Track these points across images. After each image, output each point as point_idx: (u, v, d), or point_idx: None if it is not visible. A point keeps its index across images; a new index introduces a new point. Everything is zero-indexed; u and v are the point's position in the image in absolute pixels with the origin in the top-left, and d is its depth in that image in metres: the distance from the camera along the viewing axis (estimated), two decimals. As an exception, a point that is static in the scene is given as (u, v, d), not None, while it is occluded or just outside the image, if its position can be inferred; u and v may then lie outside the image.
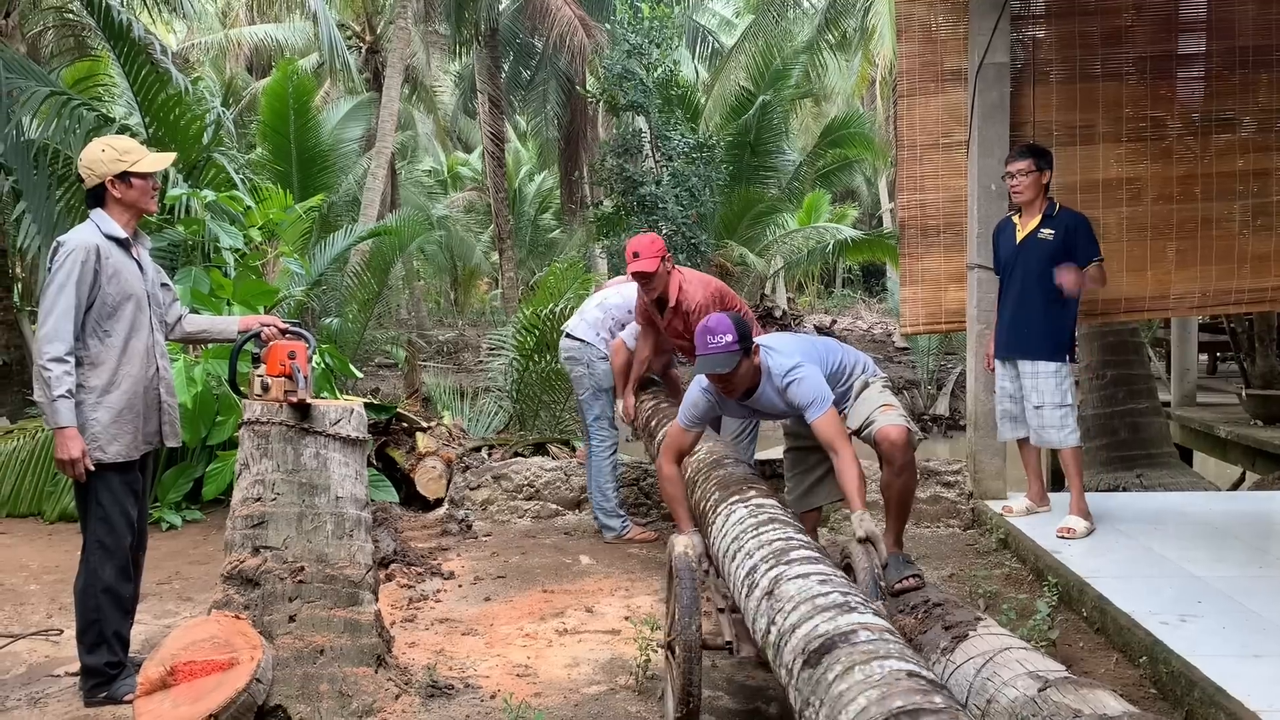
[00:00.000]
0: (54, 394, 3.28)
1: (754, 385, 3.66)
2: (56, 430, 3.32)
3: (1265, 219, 5.67)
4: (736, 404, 3.79)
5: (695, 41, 21.68)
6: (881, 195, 26.98)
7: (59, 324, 3.31)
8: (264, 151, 12.81)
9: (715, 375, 3.54)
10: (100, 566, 3.47)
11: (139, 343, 3.52)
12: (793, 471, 4.18)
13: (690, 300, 4.90)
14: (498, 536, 5.73)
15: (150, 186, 3.55)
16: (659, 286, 4.95)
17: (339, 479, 3.47)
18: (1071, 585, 4.28)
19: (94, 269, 3.38)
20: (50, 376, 3.28)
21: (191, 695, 3.06)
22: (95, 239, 3.41)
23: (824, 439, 3.53)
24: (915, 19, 5.68)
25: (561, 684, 3.56)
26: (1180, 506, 5.74)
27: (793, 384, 3.59)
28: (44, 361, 3.28)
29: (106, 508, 3.46)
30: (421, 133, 28.06)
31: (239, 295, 5.97)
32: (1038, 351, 5.00)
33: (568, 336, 5.63)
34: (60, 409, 3.29)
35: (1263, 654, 3.33)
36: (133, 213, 3.53)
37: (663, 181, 15.85)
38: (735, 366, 3.50)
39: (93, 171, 3.47)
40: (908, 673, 2.05)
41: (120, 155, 3.48)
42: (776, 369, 3.63)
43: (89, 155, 3.49)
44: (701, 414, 3.73)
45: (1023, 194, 4.98)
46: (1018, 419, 5.19)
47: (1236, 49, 5.61)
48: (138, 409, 3.52)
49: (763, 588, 2.72)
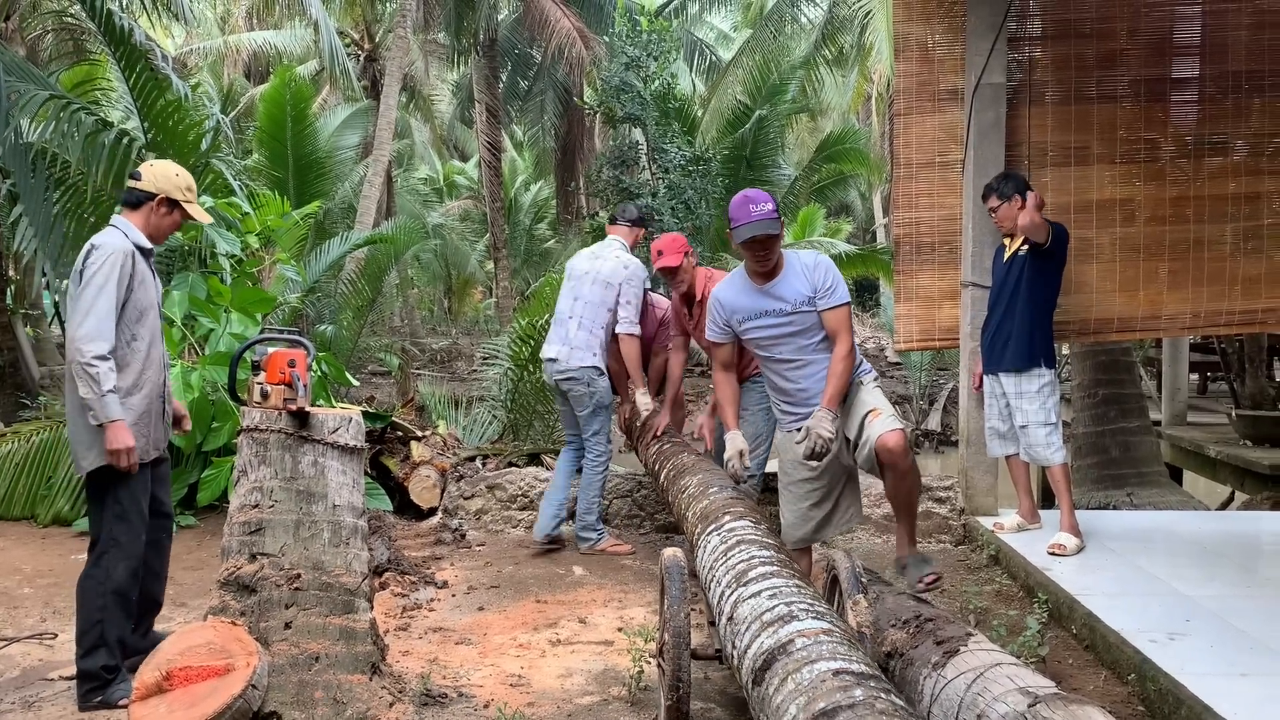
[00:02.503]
0: (103, 389, 3.36)
1: (778, 267, 3.83)
2: (109, 423, 3.38)
3: (1256, 242, 5.73)
4: (756, 292, 3.85)
5: (693, 55, 21.79)
6: (876, 210, 27.11)
7: (101, 324, 3.39)
8: (261, 157, 12.83)
9: (761, 240, 3.69)
10: (113, 565, 3.51)
11: (158, 350, 3.66)
12: (796, 507, 4.05)
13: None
14: (491, 546, 5.74)
15: (175, 228, 3.71)
16: (685, 280, 5.12)
17: (336, 487, 3.48)
18: (1062, 602, 4.31)
19: (129, 273, 3.49)
20: (97, 373, 3.36)
21: (187, 700, 3.07)
22: (128, 245, 3.51)
23: (834, 324, 3.80)
24: (913, 39, 5.74)
25: (555, 694, 3.58)
26: (1170, 525, 5.79)
27: (823, 265, 3.83)
28: (88, 359, 3.35)
29: (125, 506, 3.52)
30: (418, 141, 28.14)
31: (237, 302, 5.98)
32: (1020, 360, 5.06)
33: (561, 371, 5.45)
34: (109, 403, 3.37)
35: (1250, 673, 3.36)
36: (152, 234, 3.64)
37: (659, 194, 15.91)
38: (780, 231, 3.74)
39: (154, 182, 3.60)
40: (834, 672, 2.13)
41: (183, 187, 3.64)
42: (804, 255, 3.91)
43: (163, 168, 3.67)
44: (722, 321, 3.95)
45: (1004, 225, 5.11)
46: (1006, 436, 5.25)
47: (1229, 74, 5.68)
48: (155, 413, 3.65)
49: (726, 613, 2.81)
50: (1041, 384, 5.05)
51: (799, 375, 3.89)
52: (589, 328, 5.44)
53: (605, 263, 5.49)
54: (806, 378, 3.88)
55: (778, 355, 3.91)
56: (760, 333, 3.89)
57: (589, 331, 5.43)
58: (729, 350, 4.04)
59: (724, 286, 4.00)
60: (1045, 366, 5.08)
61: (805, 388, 3.89)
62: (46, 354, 14.31)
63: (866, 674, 2.15)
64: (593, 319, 5.44)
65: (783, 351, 3.89)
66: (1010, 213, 5.01)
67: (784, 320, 3.84)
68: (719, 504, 3.78)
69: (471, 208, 28.06)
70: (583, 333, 5.43)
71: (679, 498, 4.38)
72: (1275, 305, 5.81)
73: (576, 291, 5.50)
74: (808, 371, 3.88)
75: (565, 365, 5.42)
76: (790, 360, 3.89)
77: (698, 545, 3.57)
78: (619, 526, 6.07)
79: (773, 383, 4.02)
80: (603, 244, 5.68)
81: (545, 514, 5.56)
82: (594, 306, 5.44)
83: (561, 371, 5.44)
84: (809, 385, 3.87)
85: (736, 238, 3.72)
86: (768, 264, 3.79)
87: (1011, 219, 5.02)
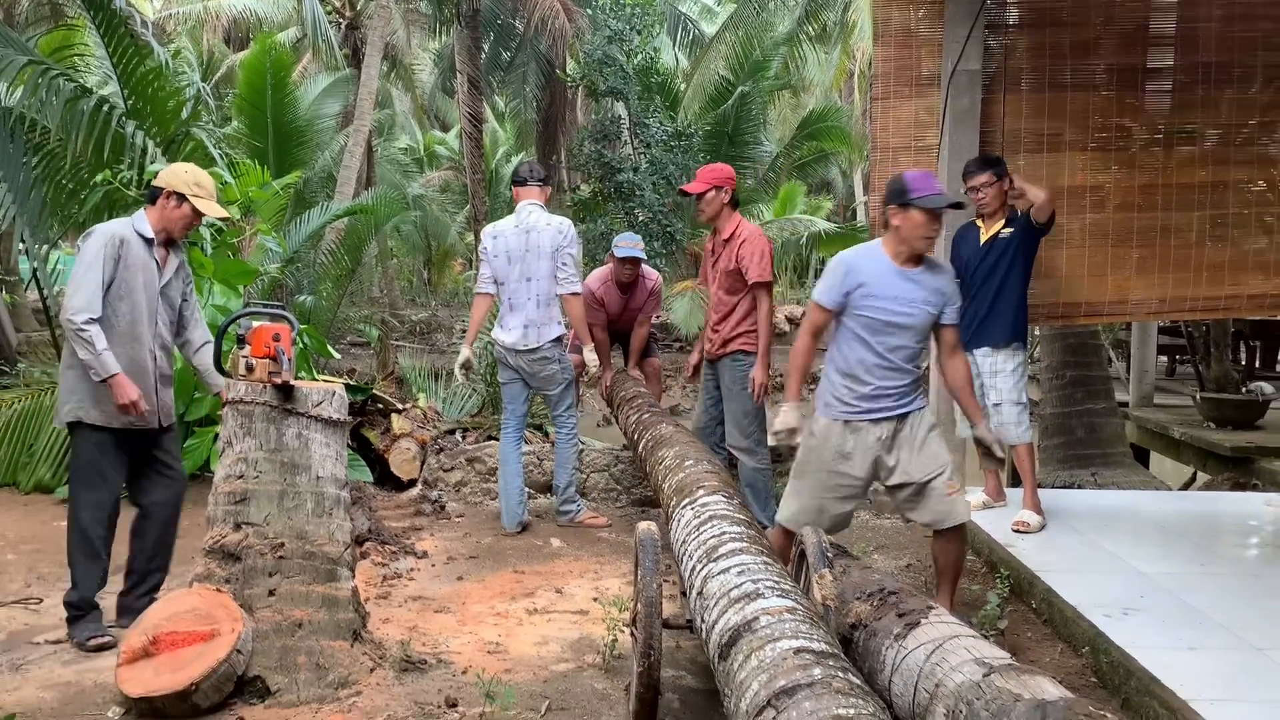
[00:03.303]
0: (99, 348, 3.73)
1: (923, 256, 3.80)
2: (110, 380, 3.75)
3: (1222, 229, 5.87)
4: (895, 272, 3.72)
5: (676, 28, 21.70)
6: (856, 188, 27.17)
7: (89, 297, 3.76)
8: (240, 125, 12.74)
9: (942, 211, 3.69)
10: (78, 511, 3.88)
11: (143, 329, 3.89)
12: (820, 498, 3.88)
13: (745, 232, 5.28)
14: (470, 517, 5.84)
15: (186, 221, 3.98)
16: (708, 211, 5.31)
17: (320, 459, 3.57)
18: (1022, 578, 4.46)
19: (116, 255, 3.80)
20: (89, 336, 3.73)
21: (173, 664, 3.17)
22: (124, 231, 3.88)
23: (953, 340, 3.89)
24: (893, 24, 5.81)
25: (531, 661, 3.69)
26: (1132, 505, 5.95)
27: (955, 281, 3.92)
28: (79, 325, 3.72)
29: (83, 460, 3.90)
30: (399, 110, 27.92)
31: (219, 274, 6.01)
32: (998, 336, 5.09)
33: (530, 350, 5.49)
34: (106, 360, 3.74)
35: (1197, 647, 3.52)
36: (164, 226, 3.96)
37: (640, 169, 15.93)
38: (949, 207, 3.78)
39: (164, 178, 3.97)
40: (795, 650, 2.24)
41: (190, 182, 3.95)
42: (948, 267, 4.07)
43: (174, 167, 4.08)
44: (843, 287, 3.75)
45: (989, 204, 5.06)
46: None
47: (1200, 64, 5.79)
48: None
49: (696, 588, 2.93)
50: (1017, 363, 5.14)
51: (883, 375, 3.76)
52: (545, 303, 5.49)
53: (541, 234, 5.46)
54: (887, 379, 3.77)
55: (878, 345, 3.74)
56: (879, 314, 3.71)
57: (546, 306, 5.49)
58: (827, 319, 3.85)
59: (861, 254, 3.82)
60: (1022, 345, 5.18)
61: (882, 389, 3.77)
62: (22, 320, 14.23)
63: (826, 653, 2.26)
64: (547, 293, 5.48)
65: (885, 343, 3.74)
66: (999, 192, 5.03)
67: (909, 311, 3.71)
68: (694, 477, 3.89)
69: (452, 179, 27.89)
70: (541, 310, 5.48)
71: (656, 469, 4.50)
72: (1239, 291, 5.96)
73: (527, 272, 5.46)
74: (891, 376, 3.77)
75: (535, 343, 5.46)
76: (884, 358, 3.75)
77: (672, 518, 3.68)
78: (596, 500, 6.18)
79: (849, 370, 3.81)
80: (524, 212, 5.54)
81: (511, 500, 5.54)
82: (545, 281, 5.48)
83: (531, 351, 5.47)
84: (886, 387, 3.77)
85: (924, 204, 3.60)
86: (933, 242, 3.75)
87: (1000, 198, 5.04)
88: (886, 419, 3.79)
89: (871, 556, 4.98)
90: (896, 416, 3.80)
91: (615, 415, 6.18)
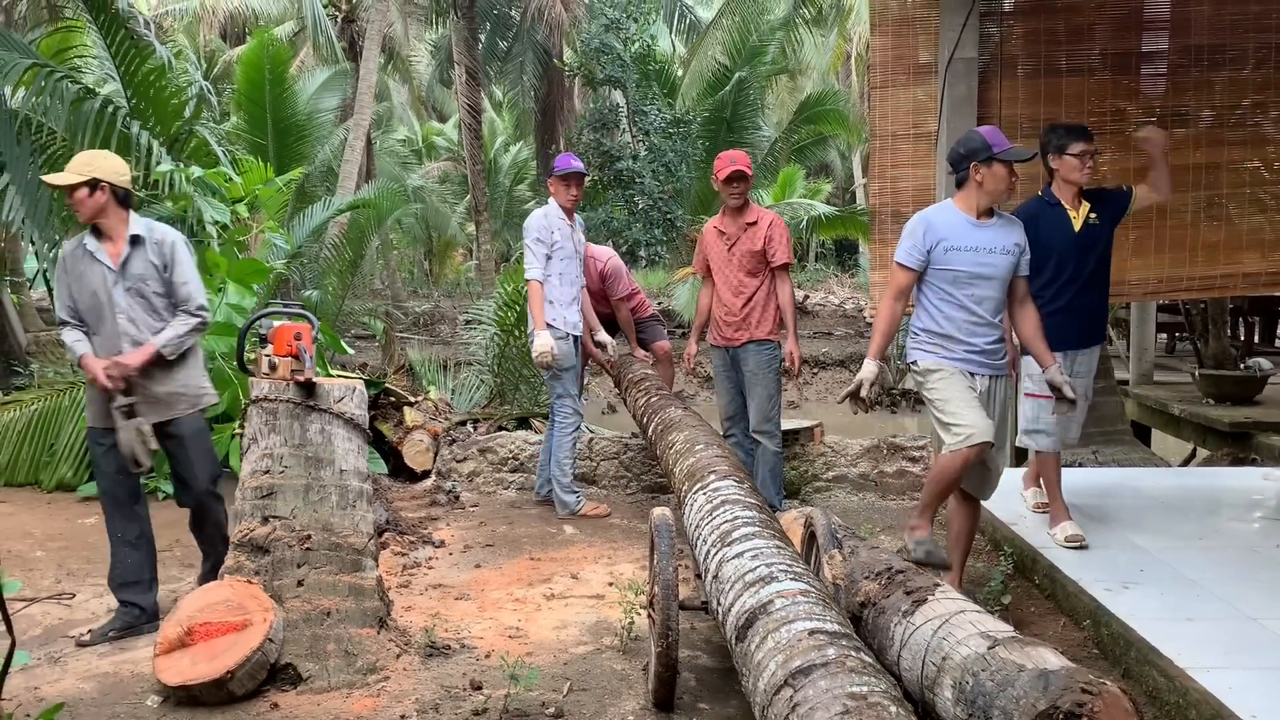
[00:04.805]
0: (68, 342, 4.00)
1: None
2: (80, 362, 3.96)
3: (1216, 210, 5.97)
4: (971, 224, 3.91)
5: (673, 15, 21.74)
6: (855, 171, 27.20)
7: (59, 310, 4.09)
8: (239, 121, 12.80)
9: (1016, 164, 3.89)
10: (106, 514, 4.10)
11: (104, 329, 4.00)
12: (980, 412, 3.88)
13: (769, 215, 5.51)
14: (484, 507, 5.96)
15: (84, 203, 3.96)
16: (744, 195, 5.48)
17: (343, 453, 3.68)
18: (1025, 555, 4.58)
19: (63, 271, 4.04)
20: (67, 344, 4.02)
21: (209, 654, 3.29)
22: (68, 247, 4.08)
23: (1023, 291, 4.03)
24: (890, 14, 5.90)
25: (551, 644, 3.81)
26: (1132, 481, 6.06)
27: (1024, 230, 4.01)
28: (59, 333, 4.05)
29: (94, 461, 4.12)
30: (396, 102, 27.94)
31: (234, 274, 6.11)
32: (1102, 334, 4.87)
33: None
34: (73, 347, 3.98)
35: (1194, 617, 3.64)
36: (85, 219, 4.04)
37: (640, 156, 16.00)
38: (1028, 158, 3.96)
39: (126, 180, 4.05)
40: (810, 631, 2.35)
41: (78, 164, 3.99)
42: (1016, 218, 4.09)
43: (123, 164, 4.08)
44: (924, 245, 3.93)
45: (1090, 177, 4.65)
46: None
47: (1193, 48, 5.88)
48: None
49: (712, 571, 3.05)
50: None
51: (972, 330, 3.91)
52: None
53: None
54: (976, 334, 3.92)
55: (964, 299, 3.90)
56: (964, 266, 3.87)
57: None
58: (910, 279, 4.00)
59: (935, 211, 4.03)
60: None
61: (972, 348, 3.92)
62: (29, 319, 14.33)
63: (839, 633, 2.38)
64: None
65: (972, 294, 3.90)
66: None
67: (991, 261, 3.87)
68: (705, 462, 4.00)
69: (451, 169, 27.95)
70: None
71: (666, 453, 4.61)
72: (1233, 270, 6.06)
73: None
74: (981, 332, 3.92)
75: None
76: (973, 312, 3.90)
77: (685, 502, 3.80)
78: (606, 487, 6.30)
79: (940, 329, 3.95)
80: None
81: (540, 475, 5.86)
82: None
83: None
84: (977, 344, 3.92)
85: (1008, 157, 3.83)
86: (1010, 191, 3.92)
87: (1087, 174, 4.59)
88: (979, 375, 3.95)
89: (879, 537, 5.09)
90: (988, 376, 3.96)
91: (624, 397, 6.31)
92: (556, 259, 5.62)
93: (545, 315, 5.55)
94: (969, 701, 2.51)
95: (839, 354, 15.63)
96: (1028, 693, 2.32)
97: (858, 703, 2.05)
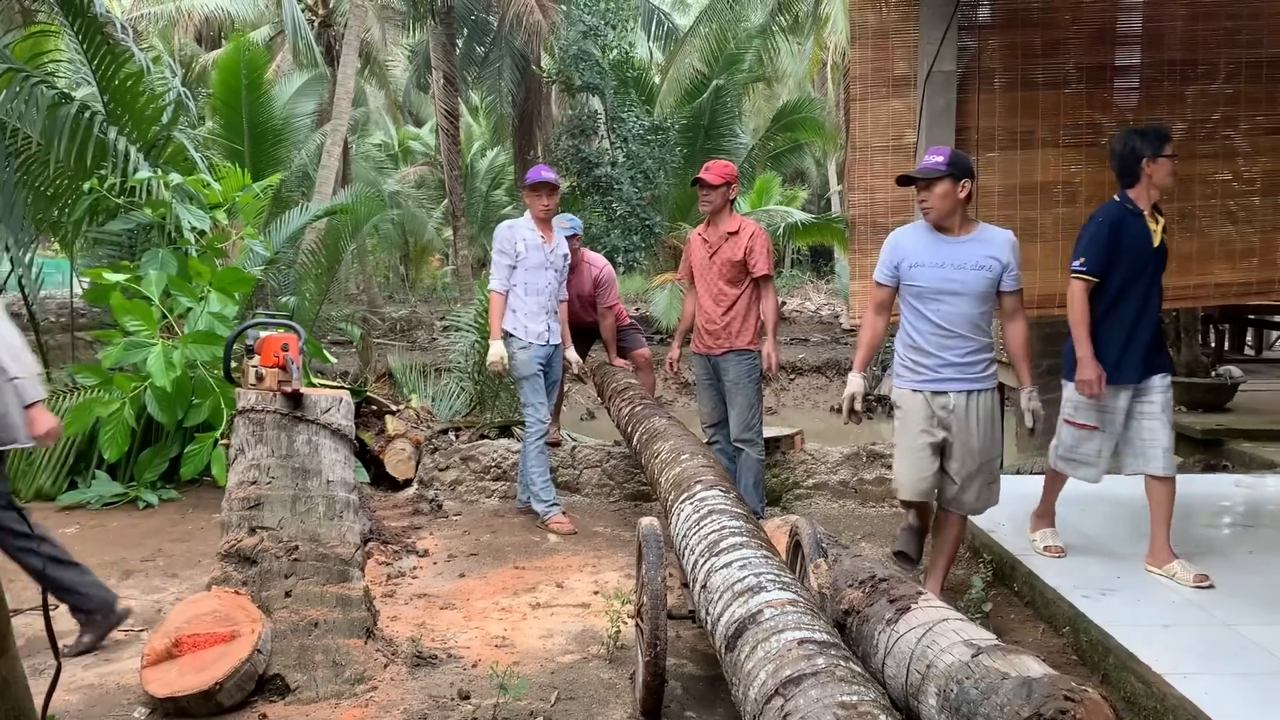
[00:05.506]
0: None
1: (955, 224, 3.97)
2: None
3: (1188, 221, 6.07)
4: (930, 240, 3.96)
5: (650, 22, 21.81)
6: (830, 178, 27.39)
7: None
8: (215, 126, 12.71)
9: (911, 181, 3.96)
10: None
11: None
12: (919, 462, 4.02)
13: (750, 226, 5.61)
14: (468, 516, 5.97)
15: None
16: (718, 203, 5.53)
17: (329, 463, 3.69)
18: (1005, 562, 4.65)
19: None
20: None
21: (197, 665, 3.29)
22: None
23: (1012, 307, 4.06)
24: (869, 27, 5.96)
25: (538, 654, 3.83)
26: (1109, 490, 6.10)
27: (1015, 248, 4.00)
28: None
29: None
30: (373, 106, 27.88)
31: (217, 283, 6.08)
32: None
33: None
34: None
35: (1170, 624, 3.71)
36: None
37: (618, 163, 16.04)
38: (934, 179, 3.90)
39: None
40: (799, 641, 2.39)
41: None
42: (1004, 232, 4.05)
43: None
44: (891, 263, 4.05)
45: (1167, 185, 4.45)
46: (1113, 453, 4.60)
47: (1166, 62, 5.98)
48: None
49: (700, 581, 3.08)
50: None
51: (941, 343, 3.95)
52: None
53: None
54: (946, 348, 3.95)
55: (930, 314, 3.95)
56: (924, 281, 3.93)
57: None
58: (884, 295, 4.13)
59: (904, 230, 4.14)
60: None
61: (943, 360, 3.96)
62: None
63: (828, 642, 2.42)
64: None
65: (938, 310, 3.93)
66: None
67: (957, 276, 3.89)
68: (690, 471, 4.04)
69: (427, 174, 27.88)
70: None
71: (651, 462, 4.65)
72: (1206, 280, 6.16)
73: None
74: (951, 344, 3.95)
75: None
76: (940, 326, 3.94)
77: (671, 511, 3.83)
78: (589, 496, 6.32)
79: (912, 342, 4.03)
80: None
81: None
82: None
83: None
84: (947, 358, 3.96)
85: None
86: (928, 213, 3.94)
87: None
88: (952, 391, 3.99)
89: (859, 545, 5.15)
90: (964, 391, 3.99)
91: (607, 406, 6.34)
92: (521, 269, 5.70)
93: (506, 323, 5.64)
94: (953, 709, 2.56)
95: (816, 360, 15.73)
96: (1011, 700, 2.36)
97: (848, 711, 2.09)
